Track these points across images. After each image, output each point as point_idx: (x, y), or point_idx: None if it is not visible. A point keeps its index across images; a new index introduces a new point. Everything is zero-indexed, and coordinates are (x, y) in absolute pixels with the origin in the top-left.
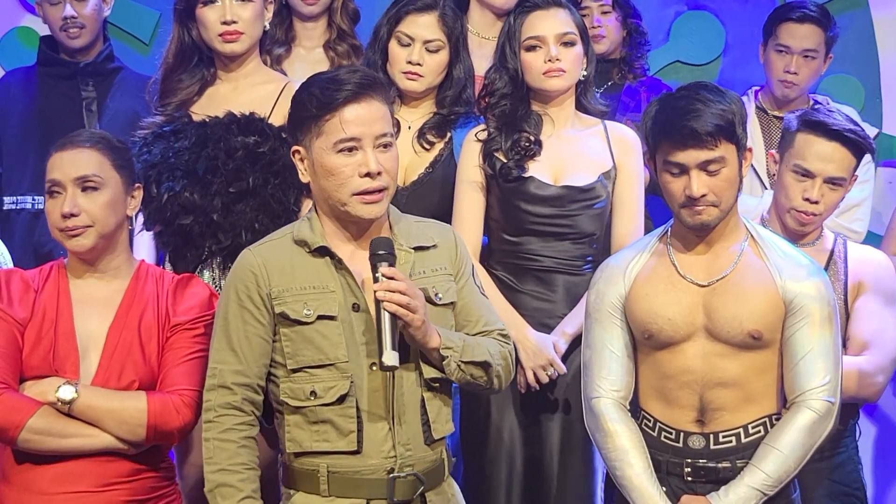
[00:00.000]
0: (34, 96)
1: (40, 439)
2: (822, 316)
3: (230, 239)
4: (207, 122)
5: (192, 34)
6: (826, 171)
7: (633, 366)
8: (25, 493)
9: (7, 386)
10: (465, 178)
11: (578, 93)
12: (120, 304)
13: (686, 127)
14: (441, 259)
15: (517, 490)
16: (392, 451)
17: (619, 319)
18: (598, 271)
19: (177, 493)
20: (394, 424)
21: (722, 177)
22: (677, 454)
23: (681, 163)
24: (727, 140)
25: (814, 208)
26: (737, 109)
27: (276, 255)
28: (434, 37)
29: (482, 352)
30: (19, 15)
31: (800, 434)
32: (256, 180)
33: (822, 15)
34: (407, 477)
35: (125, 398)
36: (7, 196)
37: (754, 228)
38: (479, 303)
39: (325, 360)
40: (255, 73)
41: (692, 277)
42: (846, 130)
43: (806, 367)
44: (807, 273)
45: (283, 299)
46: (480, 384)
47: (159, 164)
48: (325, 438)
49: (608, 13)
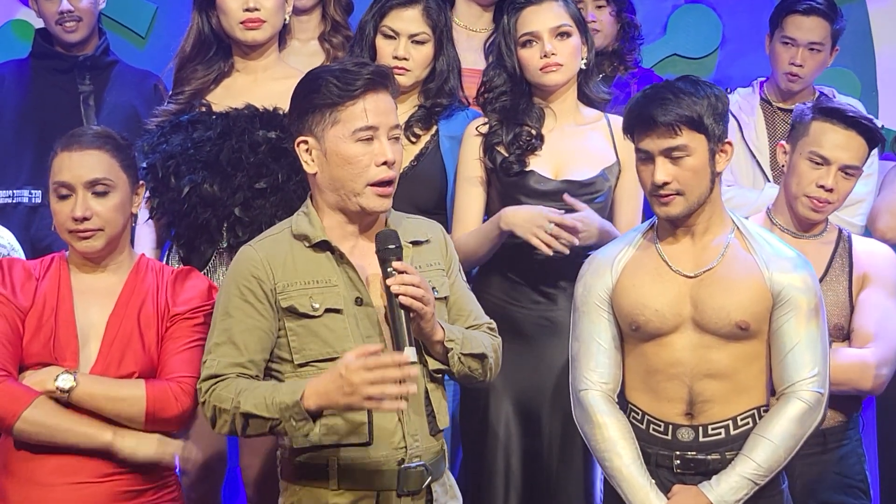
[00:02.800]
0: (29, 90)
1: (36, 431)
2: (810, 308)
3: (248, 234)
4: (230, 114)
5: (211, 22)
6: (842, 159)
7: (620, 358)
8: (27, 485)
9: (7, 374)
10: (465, 174)
11: (580, 81)
12: (120, 294)
13: (647, 114)
14: (434, 254)
15: (515, 481)
16: (402, 441)
17: (607, 312)
18: (585, 264)
19: (177, 483)
20: (402, 415)
21: (686, 165)
22: (666, 446)
23: (646, 149)
24: (691, 129)
25: (828, 196)
26: (710, 102)
27: (278, 249)
28: (419, 30)
29: (479, 344)
30: (14, 7)
31: (791, 424)
32: (282, 176)
33: (828, 7)
34: (417, 467)
35: (123, 386)
36: (2, 190)
37: (740, 221)
38: (468, 297)
39: (332, 353)
40: (275, 66)
41: (679, 269)
42: (862, 118)
43: (795, 358)
44: (793, 265)
45: (288, 294)
46: (476, 376)
47: (178, 155)
48: (335, 432)
49: (603, 7)
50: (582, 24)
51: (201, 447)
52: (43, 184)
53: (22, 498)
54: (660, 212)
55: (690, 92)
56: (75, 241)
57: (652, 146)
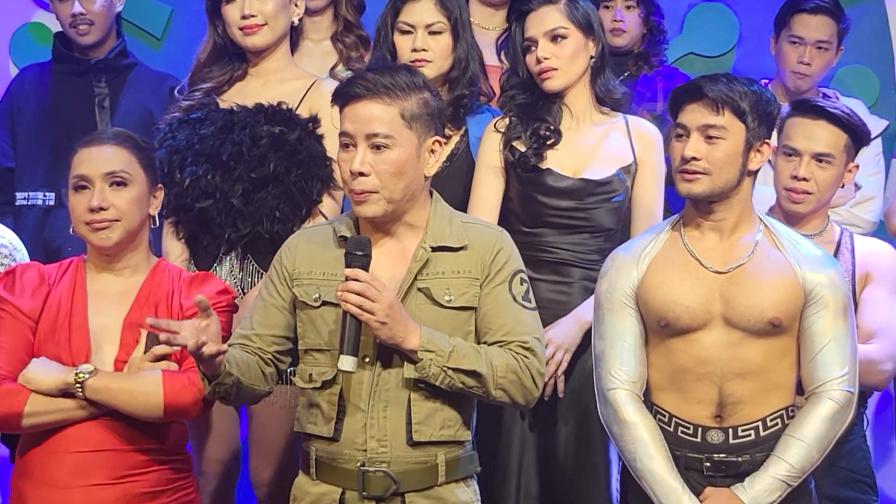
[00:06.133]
0: (48, 93)
1: (40, 419)
2: (840, 306)
3: (249, 227)
4: (234, 110)
5: (220, 32)
6: (812, 148)
7: (646, 356)
8: (44, 487)
9: (4, 378)
10: (484, 163)
11: (590, 80)
12: (135, 298)
13: (696, 85)
14: (467, 262)
15: (528, 482)
16: (364, 444)
17: (633, 309)
18: (607, 261)
19: (193, 485)
20: (369, 419)
21: (720, 148)
22: (696, 449)
23: (685, 123)
24: (733, 114)
25: (804, 185)
26: (759, 99)
27: (313, 239)
28: (434, 20)
29: (475, 361)
30: (31, 10)
31: (822, 424)
32: (279, 167)
33: (834, 6)
34: (376, 473)
35: (139, 377)
36: (19, 192)
37: (768, 220)
38: (504, 311)
39: (322, 344)
40: (286, 69)
41: (709, 265)
42: (831, 107)
43: (825, 357)
44: (822, 263)
45: (300, 281)
46: (476, 394)
47: (184, 149)
48: (313, 422)
49: (632, 9)
50: (587, 26)
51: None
52: (57, 186)
53: (39, 500)
54: (682, 188)
55: (744, 83)
56: (91, 234)
57: (691, 119)
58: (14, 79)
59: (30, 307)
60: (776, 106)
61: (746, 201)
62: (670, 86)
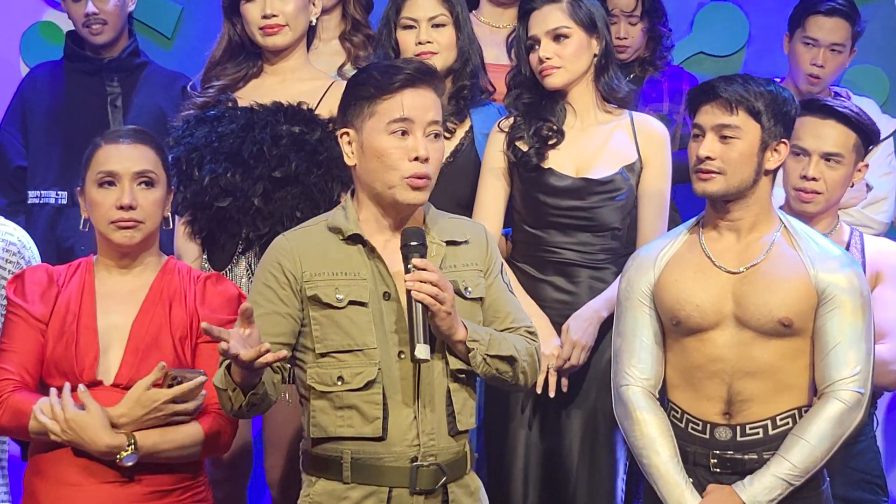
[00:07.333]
0: (60, 91)
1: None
2: (854, 306)
3: (268, 227)
4: (254, 108)
5: (237, 29)
6: (820, 147)
7: (662, 355)
8: (55, 486)
9: (19, 383)
10: (488, 166)
11: (594, 78)
12: (145, 298)
13: (711, 85)
14: (472, 255)
15: (534, 480)
16: (416, 439)
17: (649, 307)
18: (629, 260)
19: (205, 485)
20: (419, 413)
21: (734, 147)
22: (704, 445)
23: (700, 124)
24: (748, 113)
25: (813, 185)
26: (774, 98)
27: (310, 240)
28: (437, 12)
29: (508, 347)
30: (41, 9)
31: (828, 424)
32: (300, 167)
33: (850, 9)
34: (429, 466)
35: (180, 431)
36: (31, 190)
37: (787, 219)
38: (507, 299)
39: (353, 345)
40: (303, 68)
41: (723, 264)
42: (839, 107)
43: (836, 357)
44: (839, 264)
45: (314, 283)
46: (506, 379)
47: (202, 147)
48: (350, 424)
49: (635, 25)
50: (590, 24)
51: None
52: (69, 185)
53: (51, 498)
54: (697, 188)
55: (760, 83)
56: (114, 232)
57: (706, 120)
58: (25, 77)
59: (40, 311)
60: (793, 105)
61: (764, 201)
62: (675, 85)
